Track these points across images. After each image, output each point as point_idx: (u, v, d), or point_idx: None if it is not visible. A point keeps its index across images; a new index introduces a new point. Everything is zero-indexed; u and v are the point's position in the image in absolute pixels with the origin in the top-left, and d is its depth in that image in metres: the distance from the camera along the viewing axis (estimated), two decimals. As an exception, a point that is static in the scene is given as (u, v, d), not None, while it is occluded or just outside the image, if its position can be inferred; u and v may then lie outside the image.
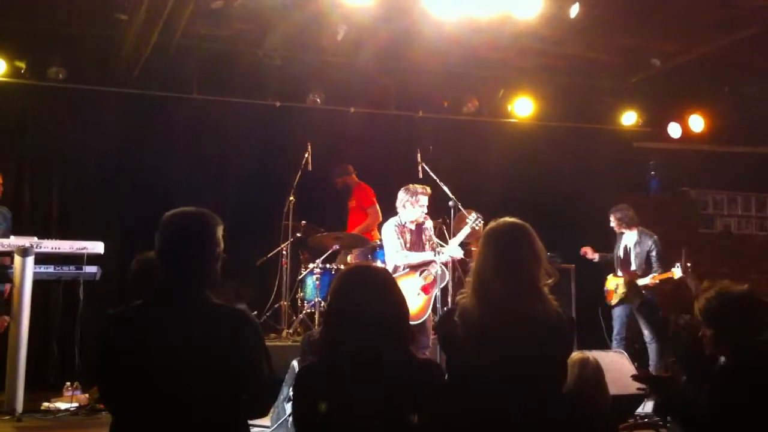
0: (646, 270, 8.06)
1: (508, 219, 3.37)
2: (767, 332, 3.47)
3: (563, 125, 10.04)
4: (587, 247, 8.59)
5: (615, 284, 8.29)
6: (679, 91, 9.85)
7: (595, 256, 8.56)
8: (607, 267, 8.53)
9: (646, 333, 8.05)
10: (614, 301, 8.26)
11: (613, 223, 8.40)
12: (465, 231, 6.91)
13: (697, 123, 10.06)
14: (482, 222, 7.17)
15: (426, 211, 6.96)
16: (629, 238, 8.28)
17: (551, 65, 9.24)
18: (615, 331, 8.23)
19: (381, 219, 8.19)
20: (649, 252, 8.11)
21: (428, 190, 7.00)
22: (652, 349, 8.00)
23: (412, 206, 6.85)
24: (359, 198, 8.68)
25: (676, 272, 7.77)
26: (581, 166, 9.80)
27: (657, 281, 7.93)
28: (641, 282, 8.01)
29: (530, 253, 3.24)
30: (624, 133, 10.35)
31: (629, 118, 10.09)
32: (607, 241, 8.65)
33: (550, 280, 3.31)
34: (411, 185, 6.98)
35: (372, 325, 2.90)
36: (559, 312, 3.23)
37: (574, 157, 9.78)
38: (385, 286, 3.05)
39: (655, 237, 8.17)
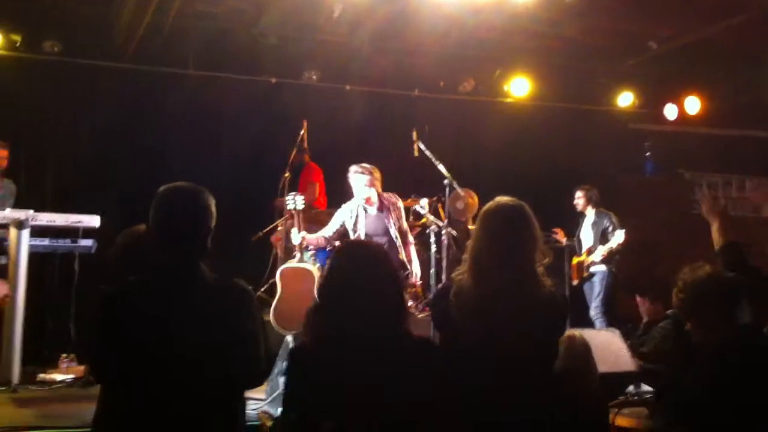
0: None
1: (504, 198, 3.37)
2: (743, 306, 3.51)
3: (559, 105, 10.05)
4: (558, 229, 8.71)
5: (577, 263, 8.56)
6: (675, 73, 9.86)
7: (563, 240, 8.68)
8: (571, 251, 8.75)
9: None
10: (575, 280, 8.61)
11: (580, 201, 8.54)
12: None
13: (693, 105, 10.08)
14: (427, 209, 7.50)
15: (362, 192, 7.02)
16: (589, 218, 8.49)
17: (548, 47, 9.23)
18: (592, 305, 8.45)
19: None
20: (605, 230, 8.34)
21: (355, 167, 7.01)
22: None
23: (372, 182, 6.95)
24: (306, 174, 8.66)
25: (618, 237, 8.06)
26: (577, 147, 9.82)
27: (605, 253, 8.20)
28: (593, 257, 8.31)
29: (526, 233, 3.25)
30: (620, 114, 10.37)
31: (625, 99, 10.10)
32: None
33: (545, 260, 3.33)
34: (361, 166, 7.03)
35: (367, 302, 2.88)
36: (552, 292, 3.26)
37: (570, 138, 9.81)
38: (379, 262, 3.04)
39: (613, 216, 8.38)
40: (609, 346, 5.88)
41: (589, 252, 8.43)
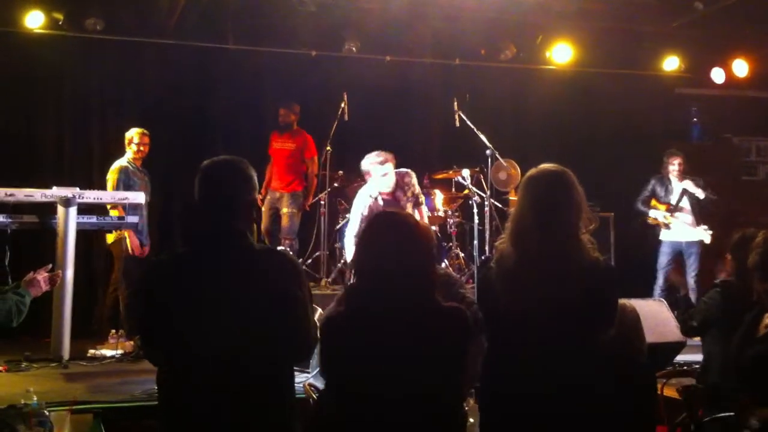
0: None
1: (547, 165, 3.32)
2: None
3: (603, 71, 9.83)
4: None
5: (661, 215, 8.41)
6: (722, 35, 9.58)
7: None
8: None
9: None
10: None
11: (675, 168, 8.40)
12: None
13: (741, 68, 9.81)
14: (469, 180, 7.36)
15: (386, 182, 6.62)
16: (681, 185, 8.38)
17: (591, 9, 9.01)
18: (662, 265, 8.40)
19: None
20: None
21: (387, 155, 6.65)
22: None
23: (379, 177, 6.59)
24: (305, 144, 8.52)
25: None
26: (622, 113, 9.64)
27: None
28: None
29: (569, 200, 3.19)
30: (665, 79, 10.13)
31: (671, 63, 9.86)
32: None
33: (591, 226, 3.28)
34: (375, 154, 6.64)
35: (397, 272, 2.90)
36: (596, 259, 3.20)
37: (614, 104, 9.63)
38: (408, 233, 3.03)
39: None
40: (657, 316, 5.82)
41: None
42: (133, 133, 7.37)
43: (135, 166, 7.30)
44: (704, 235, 8.15)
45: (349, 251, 6.75)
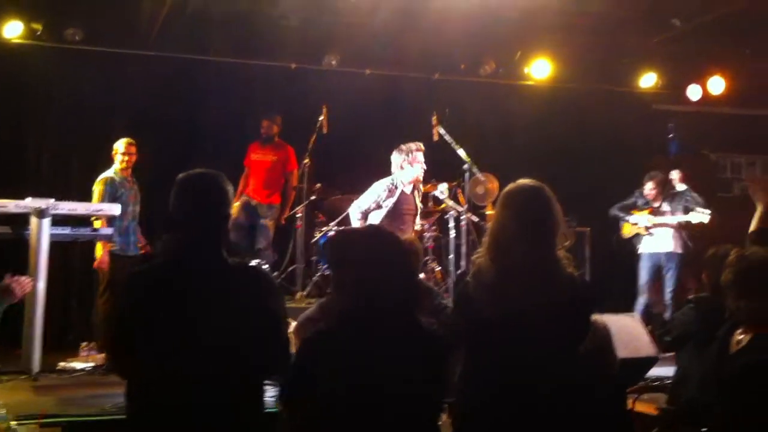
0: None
1: (526, 180, 3.34)
2: None
3: (581, 87, 9.93)
4: None
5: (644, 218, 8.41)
6: (699, 52, 9.69)
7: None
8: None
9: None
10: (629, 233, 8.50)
11: (647, 192, 8.47)
12: None
13: (717, 85, 9.92)
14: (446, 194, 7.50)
15: (414, 171, 6.99)
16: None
17: (571, 24, 9.07)
18: (642, 282, 8.39)
19: None
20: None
21: (421, 145, 7.02)
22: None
23: (410, 165, 6.90)
24: (287, 157, 8.56)
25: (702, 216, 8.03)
26: (599, 129, 9.72)
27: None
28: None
29: (548, 215, 3.22)
30: (643, 95, 10.23)
31: (648, 79, 9.97)
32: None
33: (566, 243, 3.30)
34: (403, 145, 7.03)
35: (380, 291, 2.87)
36: (572, 275, 3.22)
37: (593, 120, 9.70)
38: (394, 253, 3.01)
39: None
40: (630, 331, 5.83)
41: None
42: (119, 144, 7.37)
43: (122, 176, 7.30)
44: (703, 216, 8.10)
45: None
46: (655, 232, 8.37)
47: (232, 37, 8.65)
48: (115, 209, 6.76)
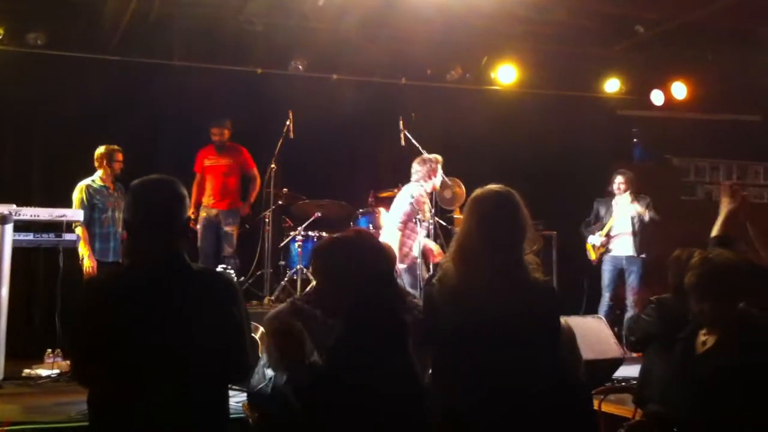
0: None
1: (493, 186, 3.35)
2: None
3: (547, 93, 10.02)
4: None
5: (598, 239, 8.47)
6: (662, 58, 9.81)
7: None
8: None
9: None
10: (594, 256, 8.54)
11: (621, 186, 8.49)
12: None
13: (679, 90, 10.06)
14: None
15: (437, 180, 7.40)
16: (624, 201, 8.46)
17: (536, 32, 9.17)
18: (605, 283, 8.51)
19: None
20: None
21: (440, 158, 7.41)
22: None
23: (435, 175, 7.25)
24: (243, 160, 8.55)
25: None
26: (565, 134, 9.80)
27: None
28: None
29: (515, 220, 3.22)
30: (607, 100, 10.34)
31: (613, 85, 10.08)
32: (588, 207, 8.71)
33: (535, 246, 3.32)
34: (425, 156, 7.38)
35: (373, 294, 2.89)
36: (538, 280, 3.23)
37: (558, 125, 9.78)
38: (381, 256, 3.03)
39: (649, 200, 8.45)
40: (596, 333, 5.91)
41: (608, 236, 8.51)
42: (108, 151, 7.47)
43: (101, 183, 7.37)
44: (645, 213, 8.29)
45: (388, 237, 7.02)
46: (615, 240, 8.47)
47: (197, 41, 8.58)
48: (78, 215, 6.69)
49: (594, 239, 8.51)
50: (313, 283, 7.32)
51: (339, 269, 2.95)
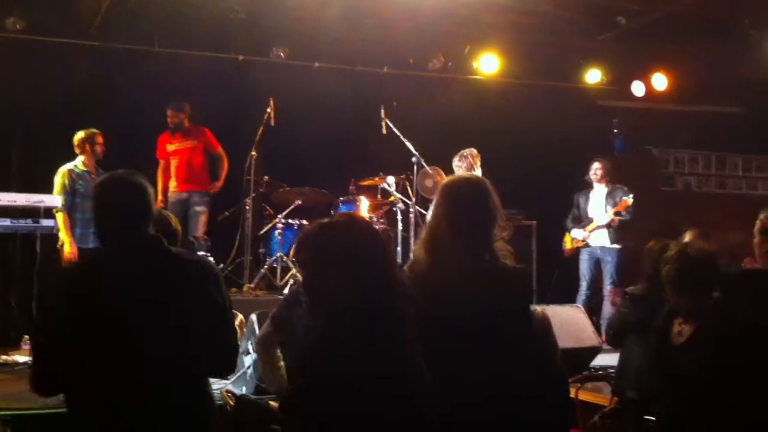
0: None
1: (463, 173, 3.37)
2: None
3: (528, 83, 10.04)
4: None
5: (580, 234, 8.46)
6: (643, 49, 9.86)
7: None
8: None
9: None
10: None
11: (598, 172, 8.50)
12: None
13: (660, 82, 10.11)
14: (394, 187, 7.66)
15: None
16: (601, 191, 8.46)
17: (519, 22, 9.17)
18: (583, 272, 8.52)
19: None
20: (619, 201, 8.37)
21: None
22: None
23: (476, 168, 7.11)
24: (207, 140, 8.43)
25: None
26: (546, 124, 9.80)
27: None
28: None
29: (486, 207, 3.23)
30: (589, 91, 10.37)
31: (594, 76, 10.11)
32: (568, 198, 8.75)
33: (505, 233, 3.33)
34: (464, 150, 7.34)
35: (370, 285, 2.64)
36: (508, 266, 3.25)
37: (539, 115, 9.78)
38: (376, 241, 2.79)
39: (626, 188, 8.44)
40: (574, 322, 5.95)
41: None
42: (89, 135, 7.41)
43: (83, 168, 7.32)
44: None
45: None
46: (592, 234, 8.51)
47: (178, 28, 8.53)
48: (56, 201, 6.65)
49: (577, 233, 8.51)
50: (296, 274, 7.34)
51: (333, 257, 2.65)
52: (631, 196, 8.24)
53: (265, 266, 7.97)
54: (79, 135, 7.45)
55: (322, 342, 2.63)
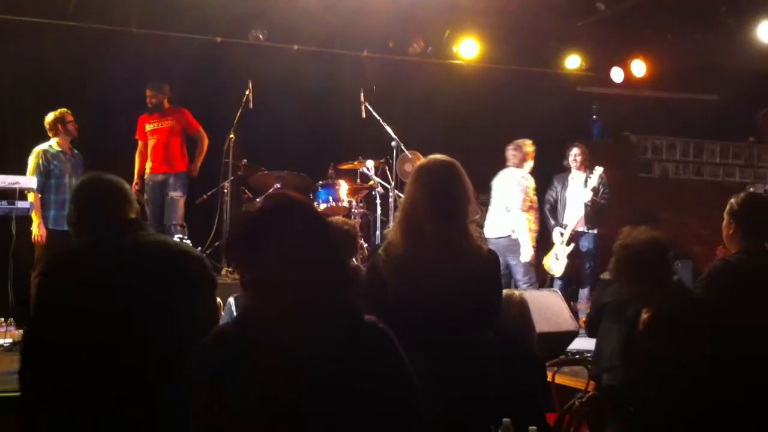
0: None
1: (437, 156, 3.39)
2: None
3: (508, 68, 10.05)
4: None
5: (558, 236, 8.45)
6: (622, 36, 9.90)
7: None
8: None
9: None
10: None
11: (578, 158, 8.50)
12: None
13: (639, 68, 10.15)
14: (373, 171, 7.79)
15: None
16: (579, 177, 8.49)
17: (498, 7, 9.17)
18: None
19: None
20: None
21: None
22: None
23: (530, 159, 7.92)
24: (186, 121, 8.31)
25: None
26: (525, 109, 9.80)
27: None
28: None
29: (459, 189, 3.26)
30: (568, 77, 10.40)
31: (573, 62, 10.12)
32: (546, 183, 8.77)
33: (477, 216, 3.36)
34: (518, 141, 7.96)
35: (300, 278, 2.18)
36: (481, 247, 3.27)
37: (518, 100, 9.77)
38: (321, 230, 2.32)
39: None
40: (551, 307, 5.98)
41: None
42: (59, 115, 7.37)
43: (57, 149, 7.29)
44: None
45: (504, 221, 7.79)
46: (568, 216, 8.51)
47: (155, 9, 8.45)
48: (31, 182, 6.59)
49: (555, 237, 8.51)
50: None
51: (280, 253, 2.14)
52: (601, 169, 8.30)
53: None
54: (49, 117, 7.39)
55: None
